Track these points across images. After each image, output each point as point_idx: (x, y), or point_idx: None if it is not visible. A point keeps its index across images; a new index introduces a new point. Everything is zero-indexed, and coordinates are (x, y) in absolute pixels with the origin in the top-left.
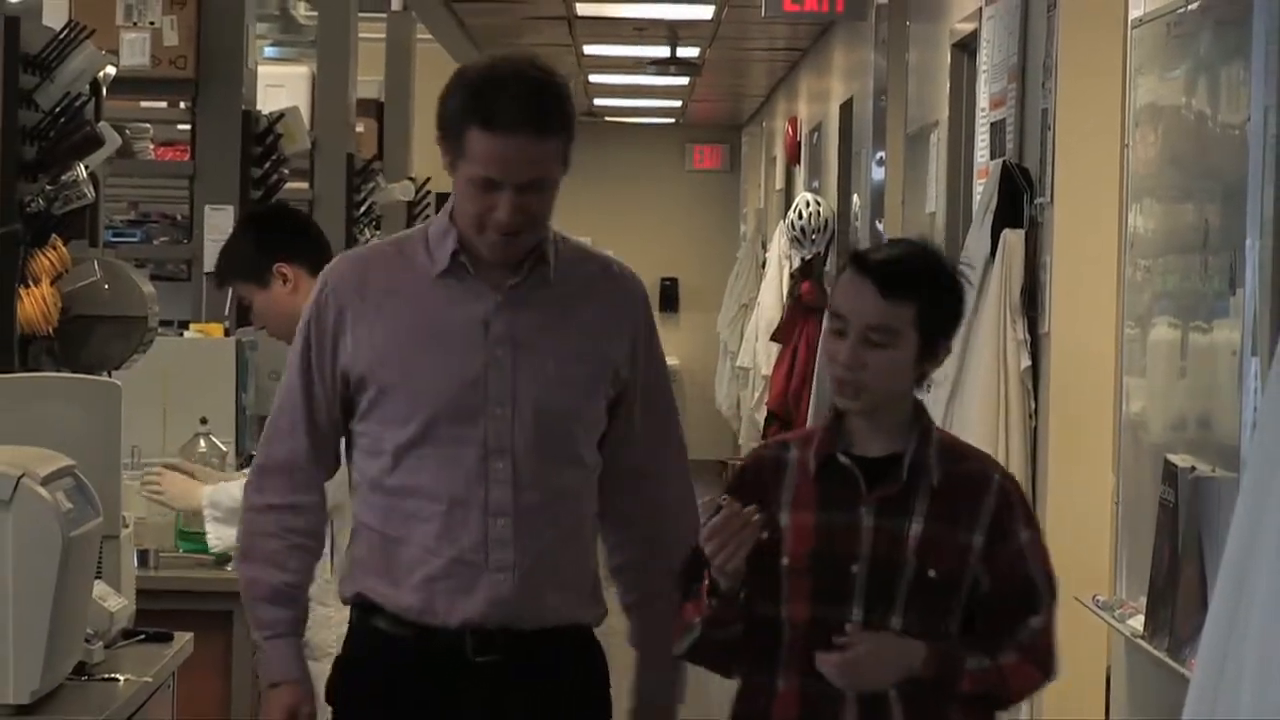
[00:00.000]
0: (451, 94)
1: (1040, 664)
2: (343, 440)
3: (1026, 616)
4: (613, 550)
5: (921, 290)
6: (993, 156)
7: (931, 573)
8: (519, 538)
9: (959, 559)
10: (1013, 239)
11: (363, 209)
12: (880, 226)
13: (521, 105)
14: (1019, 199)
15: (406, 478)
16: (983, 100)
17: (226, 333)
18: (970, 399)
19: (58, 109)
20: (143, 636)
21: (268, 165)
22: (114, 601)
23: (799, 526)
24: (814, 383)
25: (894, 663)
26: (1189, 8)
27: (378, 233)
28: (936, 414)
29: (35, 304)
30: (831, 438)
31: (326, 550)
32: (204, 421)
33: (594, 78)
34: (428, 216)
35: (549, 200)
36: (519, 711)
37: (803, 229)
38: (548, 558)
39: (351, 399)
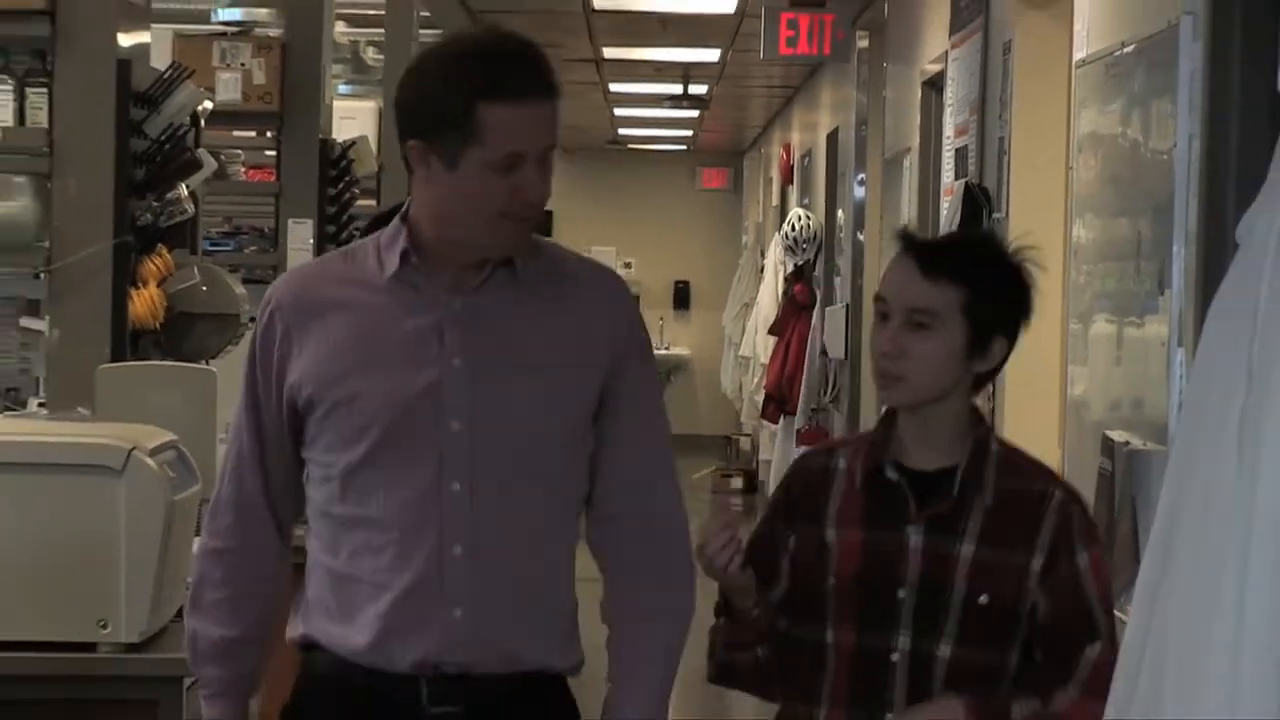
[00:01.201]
0: (438, 79)
1: (1100, 696)
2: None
3: (1084, 646)
4: (604, 576)
5: (970, 273)
6: (956, 177)
7: (983, 598)
8: (478, 568)
9: (1014, 584)
10: None
11: None
12: (861, 237)
13: (530, 69)
14: (979, 214)
15: (354, 506)
16: (948, 129)
17: None
18: None
19: (163, 137)
20: None
21: (341, 185)
22: None
23: (846, 544)
24: (804, 369)
25: None
26: (1124, 51)
27: None
28: None
29: (144, 303)
30: (879, 448)
31: None
32: None
33: (618, 111)
34: None
35: (551, 172)
36: None
37: (795, 239)
38: (513, 592)
39: (301, 424)
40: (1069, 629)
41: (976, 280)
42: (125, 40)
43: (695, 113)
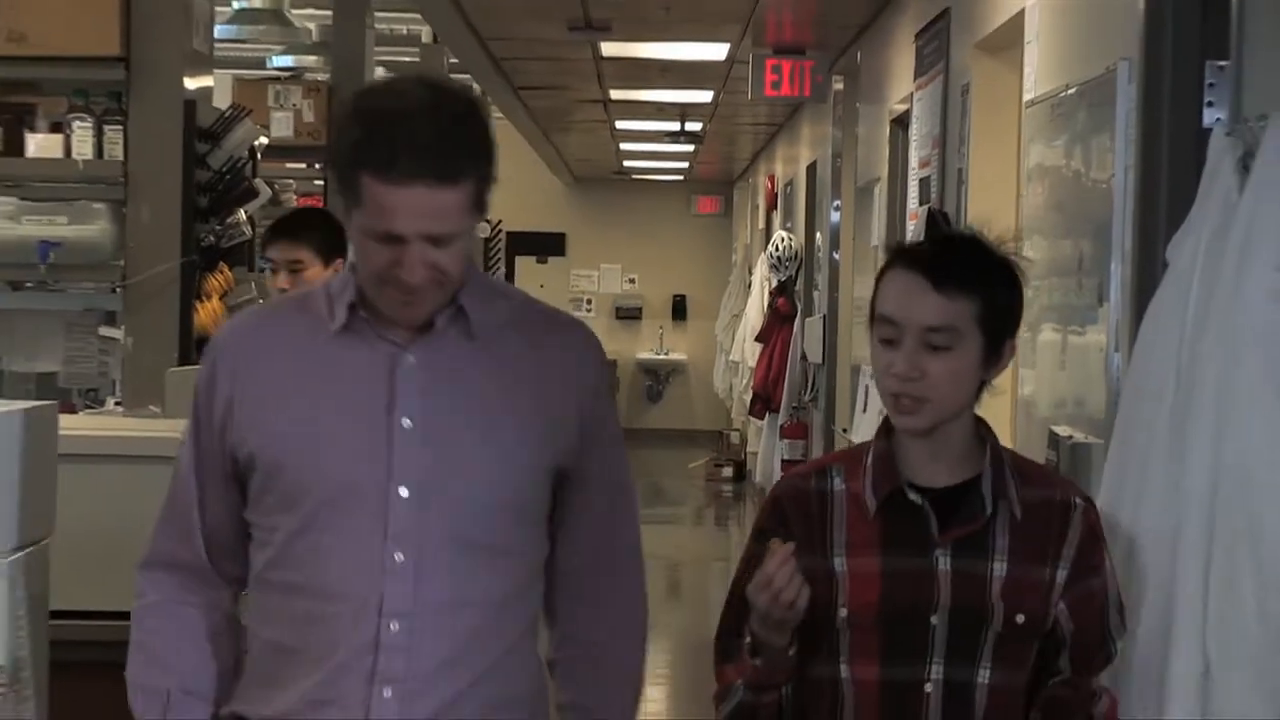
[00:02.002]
0: (342, 131)
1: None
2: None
3: (1102, 663)
4: (553, 645)
5: (981, 282)
6: (920, 203)
7: (1020, 618)
8: (415, 647)
9: (1044, 599)
10: None
11: None
12: (837, 256)
13: (423, 148)
14: None
15: (292, 572)
16: (913, 162)
17: None
18: None
19: (224, 169)
20: None
21: None
22: None
23: (861, 573)
24: (787, 372)
25: None
26: (1068, 93)
27: None
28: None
29: (208, 314)
30: (890, 468)
31: None
32: None
33: (623, 145)
34: (499, 250)
35: (459, 254)
36: None
37: (779, 258)
38: (451, 676)
39: (242, 482)
40: (1094, 642)
41: (986, 287)
42: (191, 84)
43: (691, 147)
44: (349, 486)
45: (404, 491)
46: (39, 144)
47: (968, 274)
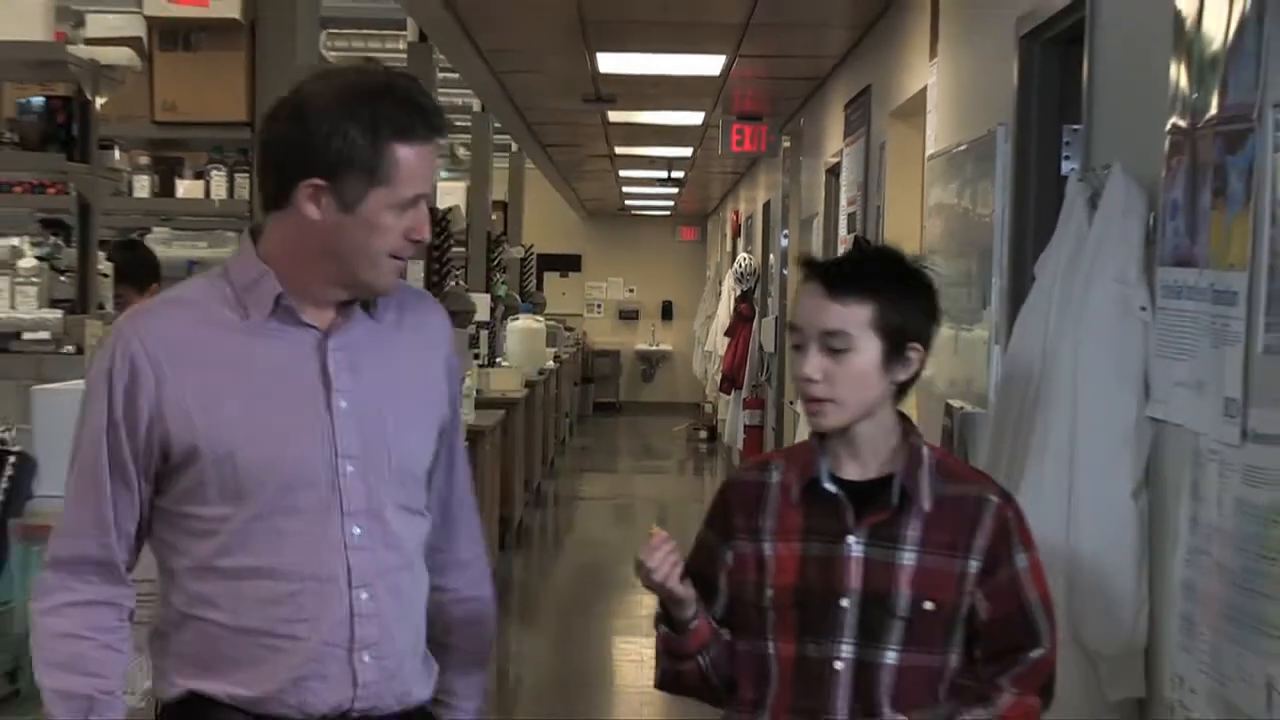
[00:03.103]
0: (346, 119)
1: (1039, 692)
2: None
3: (1026, 648)
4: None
5: (875, 289)
6: (849, 232)
7: (929, 604)
8: (380, 612)
9: (955, 588)
10: None
11: (495, 263)
12: (785, 272)
13: (431, 111)
14: None
15: (250, 557)
16: (843, 201)
17: None
18: None
19: None
20: None
21: (443, 238)
22: None
23: (783, 557)
24: (748, 359)
25: None
26: (959, 149)
27: (503, 277)
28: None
29: None
30: (815, 460)
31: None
32: None
33: (625, 188)
34: (531, 267)
35: None
36: None
37: (741, 273)
38: (405, 632)
39: (168, 475)
40: (1010, 632)
41: (881, 293)
42: None
43: (675, 189)
44: (304, 471)
45: (350, 468)
46: (186, 188)
47: (862, 282)
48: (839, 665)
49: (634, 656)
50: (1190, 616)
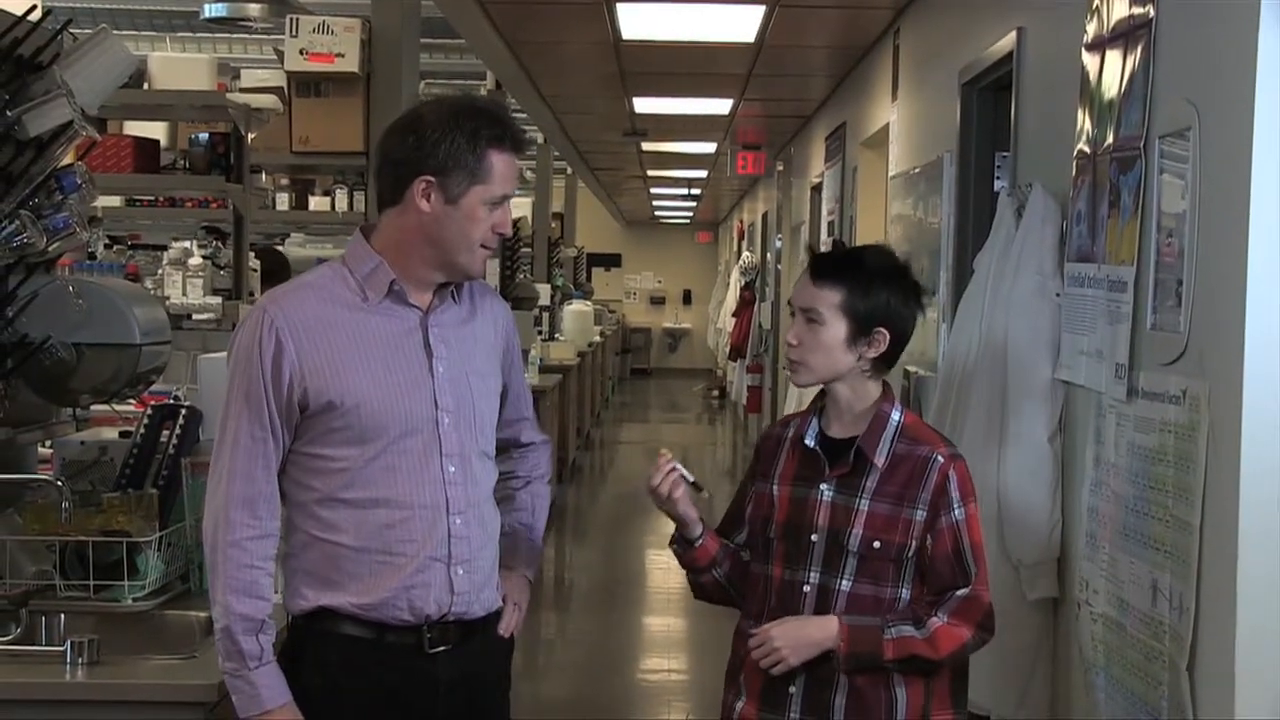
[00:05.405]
0: (453, 129)
1: (967, 623)
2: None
3: (959, 586)
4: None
5: (847, 277)
6: (828, 236)
7: (877, 544)
8: (468, 533)
9: (902, 532)
10: None
11: (554, 260)
12: (780, 268)
13: (517, 129)
14: None
15: (370, 490)
16: (824, 212)
17: None
18: None
19: None
20: None
21: (515, 241)
22: None
23: (782, 497)
24: (750, 334)
25: (805, 641)
26: (914, 171)
27: (560, 271)
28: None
29: None
30: (809, 421)
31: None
32: None
33: (655, 202)
34: (582, 264)
35: None
36: (458, 691)
37: (745, 268)
38: (487, 548)
39: (305, 424)
40: (947, 572)
41: (853, 283)
42: None
43: (694, 203)
44: (414, 421)
45: (446, 420)
46: (316, 203)
47: (838, 272)
48: (806, 589)
49: (662, 565)
50: (1094, 534)
